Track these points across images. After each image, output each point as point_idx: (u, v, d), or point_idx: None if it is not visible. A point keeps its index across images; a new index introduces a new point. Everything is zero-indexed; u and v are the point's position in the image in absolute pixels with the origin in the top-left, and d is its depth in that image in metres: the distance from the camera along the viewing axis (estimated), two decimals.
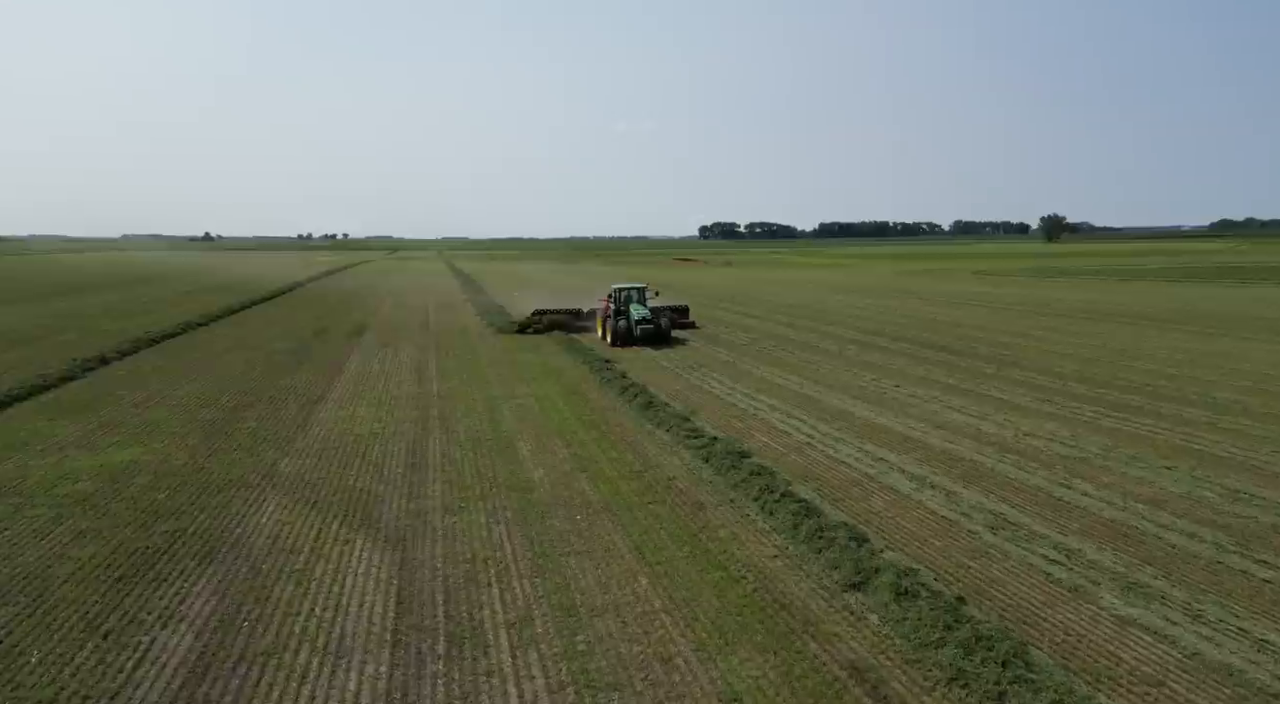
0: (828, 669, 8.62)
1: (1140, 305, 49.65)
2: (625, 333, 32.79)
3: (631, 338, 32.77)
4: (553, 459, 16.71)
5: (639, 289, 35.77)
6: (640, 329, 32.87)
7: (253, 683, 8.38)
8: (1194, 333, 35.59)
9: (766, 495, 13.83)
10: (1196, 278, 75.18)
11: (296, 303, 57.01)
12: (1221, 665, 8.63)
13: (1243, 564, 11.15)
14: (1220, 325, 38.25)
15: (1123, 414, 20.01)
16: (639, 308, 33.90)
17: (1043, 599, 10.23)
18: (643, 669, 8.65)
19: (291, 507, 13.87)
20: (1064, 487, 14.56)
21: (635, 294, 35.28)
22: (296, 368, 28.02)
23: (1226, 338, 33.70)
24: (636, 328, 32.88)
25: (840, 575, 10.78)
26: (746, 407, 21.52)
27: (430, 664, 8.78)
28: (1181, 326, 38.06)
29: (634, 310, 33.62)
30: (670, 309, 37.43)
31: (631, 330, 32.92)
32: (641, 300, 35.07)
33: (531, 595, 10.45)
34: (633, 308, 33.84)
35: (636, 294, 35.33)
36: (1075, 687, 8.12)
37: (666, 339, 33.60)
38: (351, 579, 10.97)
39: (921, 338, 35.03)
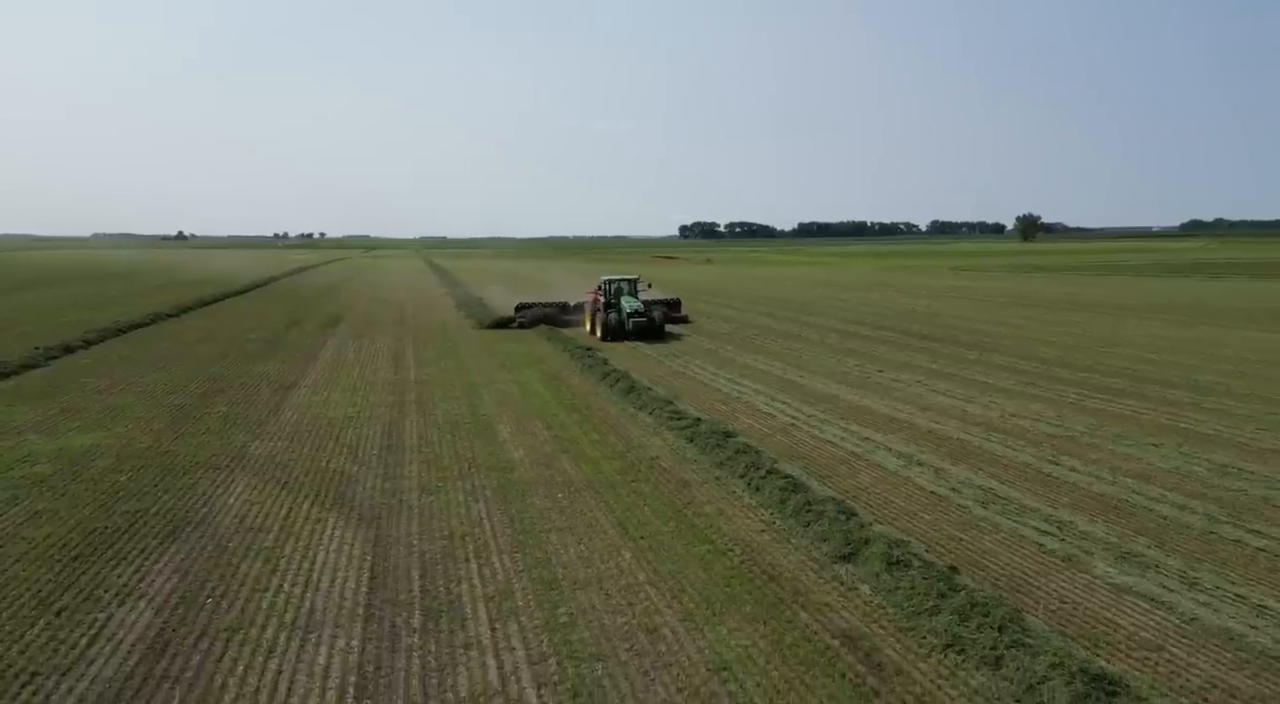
0: (819, 638, 8.30)
1: (1118, 297, 50.08)
2: (616, 327, 31.21)
3: (623, 332, 31.18)
4: (533, 441, 16.29)
5: (630, 281, 34.06)
6: (632, 323, 31.18)
7: (215, 658, 7.91)
8: (1171, 322, 35.87)
9: (752, 473, 13.51)
10: (1170, 273, 76.16)
11: (270, 297, 55.98)
12: (1221, 630, 8.43)
13: (1235, 534, 11.01)
14: (1196, 315, 38.61)
15: (1107, 396, 19.96)
16: (630, 300, 32.25)
17: (1036, 569, 10.00)
18: (627, 640, 8.29)
19: (261, 487, 13.35)
20: (1052, 463, 14.39)
21: (626, 286, 33.52)
22: (269, 356, 27.33)
23: (1203, 326, 33.98)
24: (628, 321, 31.24)
25: (829, 547, 10.48)
26: (730, 391, 21.22)
27: (405, 637, 8.36)
28: (1159, 316, 38.37)
29: (625, 303, 32.00)
30: (662, 303, 35.84)
31: (623, 324, 31.27)
32: (633, 292, 33.32)
33: (511, 570, 10.05)
34: (624, 300, 32.19)
35: (628, 286, 33.57)
36: (1073, 651, 7.86)
37: (660, 334, 31.83)
38: (323, 556, 10.50)
39: (903, 327, 34.99)
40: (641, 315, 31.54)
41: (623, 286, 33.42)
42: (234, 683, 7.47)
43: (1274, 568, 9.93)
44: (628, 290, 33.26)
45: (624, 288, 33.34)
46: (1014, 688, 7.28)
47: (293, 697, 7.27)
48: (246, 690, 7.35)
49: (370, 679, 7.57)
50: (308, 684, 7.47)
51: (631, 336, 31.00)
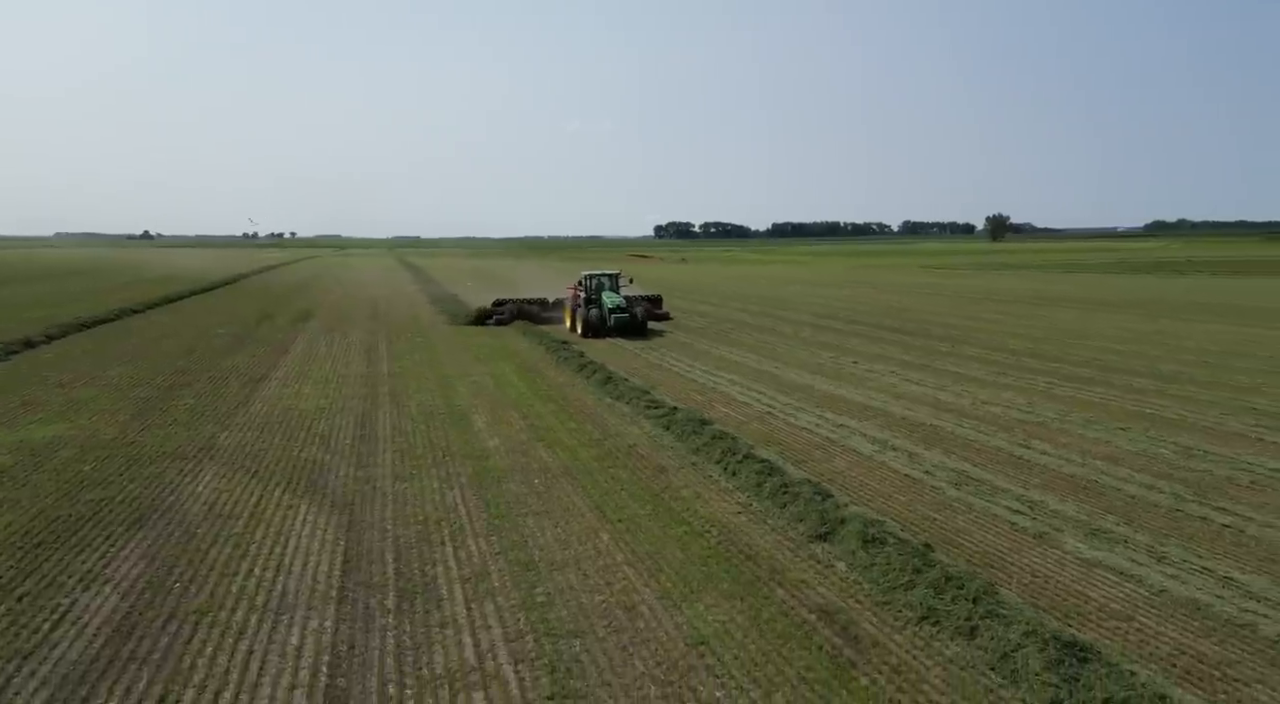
0: (796, 613, 8.33)
1: (1084, 293, 50.99)
2: (597, 323, 30.21)
3: (604, 328, 30.19)
4: (509, 430, 16.18)
5: (612, 276, 32.88)
6: (614, 318, 30.13)
7: (184, 640, 7.73)
8: (1136, 315, 36.59)
9: (729, 458, 13.54)
10: (1134, 271, 77.72)
11: (239, 293, 55.10)
12: (1188, 600, 8.59)
13: (1201, 511, 11.22)
14: (1160, 309, 39.43)
15: (1075, 384, 20.29)
16: (612, 296, 31.13)
17: (1009, 546, 10.13)
18: (605, 617, 8.25)
19: (230, 475, 13.11)
20: (1023, 447, 14.59)
21: (608, 281, 32.44)
22: (237, 351, 26.87)
23: (1166, 320, 34.70)
24: (610, 317, 30.15)
25: (806, 527, 10.53)
26: (706, 381, 21.25)
27: (379, 618, 8.24)
28: (1124, 310, 39.13)
29: (606, 298, 30.89)
30: (644, 299, 34.87)
31: (604, 320, 30.21)
32: (615, 288, 32.23)
33: (488, 552, 9.96)
34: (605, 296, 31.08)
35: (609, 281, 32.48)
36: (1046, 622, 7.95)
37: (642, 331, 30.77)
38: (295, 541, 10.33)
39: (876, 321, 35.31)
40: (624, 311, 30.56)
41: (604, 281, 32.43)
42: (203, 664, 7.31)
43: (1239, 543, 10.14)
44: (609, 285, 32.29)
45: (605, 283, 32.38)
46: (989, 656, 7.35)
47: (264, 676, 7.13)
48: (216, 671, 7.20)
49: (344, 658, 7.45)
50: (279, 664, 7.33)
51: (613, 333, 30.16)
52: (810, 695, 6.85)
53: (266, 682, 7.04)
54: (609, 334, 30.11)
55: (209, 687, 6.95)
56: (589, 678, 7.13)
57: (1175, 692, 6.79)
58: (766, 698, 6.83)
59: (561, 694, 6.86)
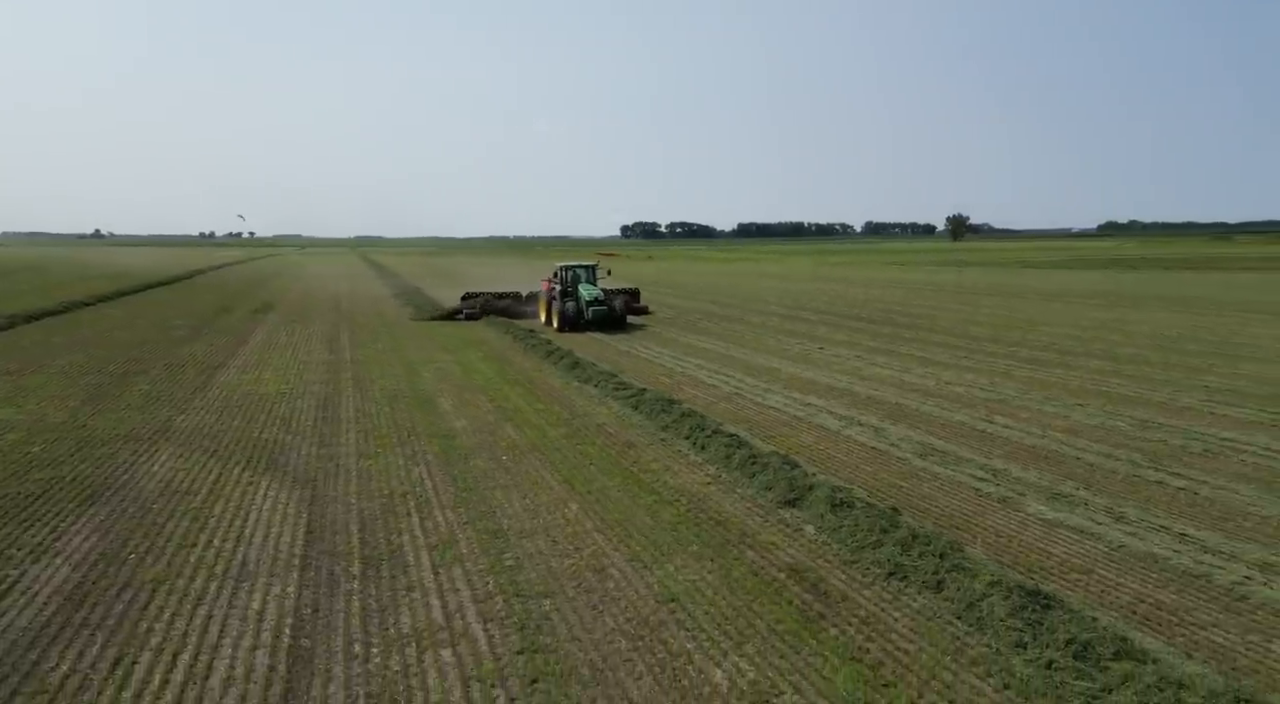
0: (766, 572, 8.34)
1: (1042, 286, 52.09)
2: (574, 316, 28.77)
3: (581, 322, 28.82)
4: (476, 411, 16.00)
5: (589, 267, 31.51)
6: (592, 311, 28.72)
7: (140, 606, 7.49)
8: (1093, 305, 37.48)
9: (697, 433, 13.54)
10: (1090, 267, 79.62)
11: (196, 287, 53.87)
12: (1146, 554, 8.78)
13: (1158, 477, 11.50)
14: (1115, 299, 40.45)
15: (1035, 366, 20.70)
16: (589, 288, 29.73)
17: (973, 509, 10.27)
18: (575, 579, 8.18)
19: (187, 455, 12.77)
20: (986, 421, 14.83)
21: (585, 273, 30.95)
22: (194, 340, 26.25)
23: (1121, 309, 35.60)
24: (587, 310, 28.76)
25: (774, 495, 10.57)
26: (674, 366, 21.26)
27: (344, 583, 8.07)
28: (1081, 300, 40.06)
29: (584, 291, 29.44)
30: (621, 293, 33.31)
31: (582, 313, 28.82)
32: (591, 279, 30.90)
33: (455, 522, 9.82)
34: (582, 288, 29.63)
35: (586, 273, 30.99)
36: (1009, 576, 8.07)
37: (621, 324, 29.48)
38: (255, 515, 10.08)
39: (842, 311, 35.69)
40: (601, 303, 29.18)
41: (580, 273, 30.90)
42: (160, 628, 7.09)
43: (1194, 504, 10.41)
44: (585, 277, 30.83)
45: (581, 274, 30.87)
46: (955, 606, 7.44)
47: (224, 639, 6.93)
48: (174, 635, 6.99)
49: (307, 621, 7.28)
50: (240, 627, 7.14)
51: (591, 327, 28.78)
52: (781, 645, 6.86)
53: (227, 643, 6.85)
54: (587, 328, 28.77)
55: (166, 649, 6.74)
56: (559, 634, 7.06)
57: (1136, 634, 6.93)
58: (737, 648, 6.82)
59: (531, 649, 6.78)
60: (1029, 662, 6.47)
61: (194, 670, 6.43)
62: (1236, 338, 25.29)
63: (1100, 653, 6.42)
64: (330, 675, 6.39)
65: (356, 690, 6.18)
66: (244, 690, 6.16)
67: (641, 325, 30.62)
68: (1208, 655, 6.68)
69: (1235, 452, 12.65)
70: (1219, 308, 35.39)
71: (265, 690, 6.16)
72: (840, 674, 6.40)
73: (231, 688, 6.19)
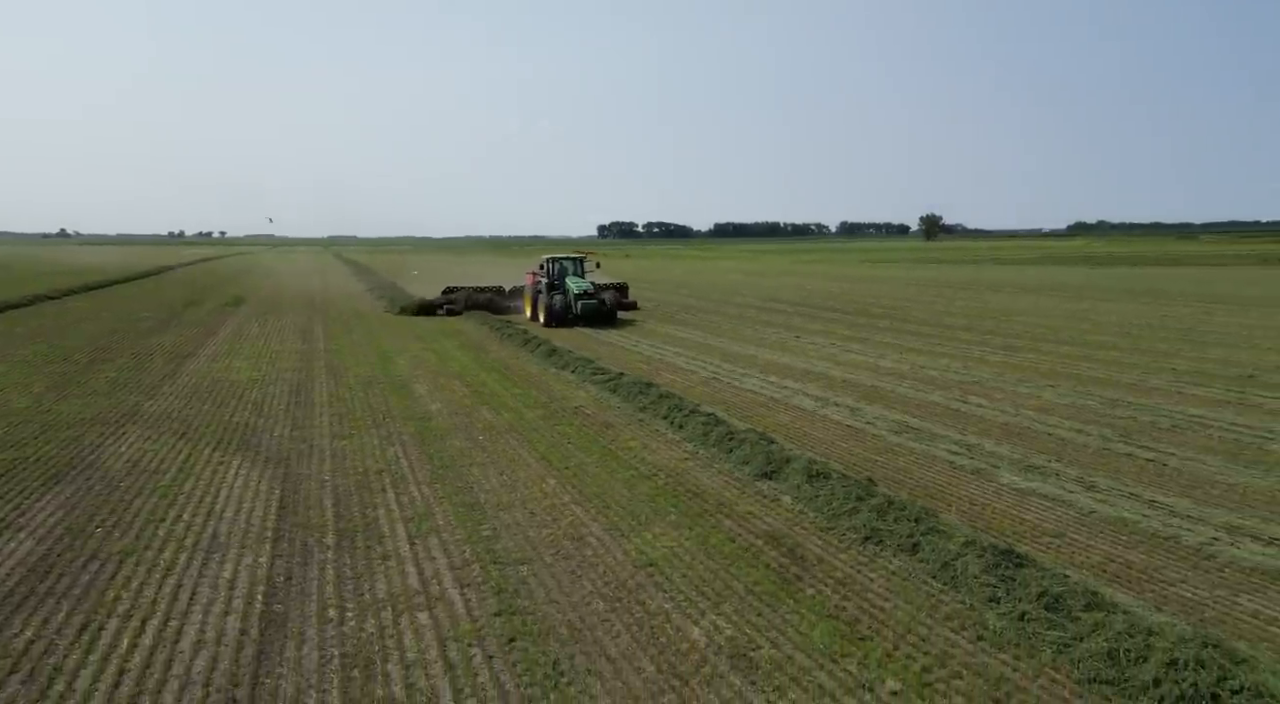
0: (744, 538, 8.36)
1: (1014, 280, 52.84)
2: (561, 311, 27.20)
3: (569, 316, 27.28)
4: (451, 396, 15.88)
5: (576, 259, 29.91)
6: (581, 305, 27.13)
7: (107, 576, 7.33)
8: (1063, 297, 38.07)
9: (675, 413, 13.54)
10: (1060, 264, 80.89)
11: (165, 282, 52.95)
12: (1115, 519, 8.92)
13: (1127, 449, 11.69)
14: (1085, 292, 41.13)
15: (1008, 352, 20.97)
16: (577, 281, 28.19)
17: (947, 481, 10.37)
18: (553, 547, 8.14)
19: (156, 437, 12.53)
20: (960, 402, 14.99)
21: (572, 265, 29.48)
22: (163, 331, 25.81)
23: (1091, 300, 36.20)
24: (576, 304, 27.20)
25: (751, 468, 10.60)
26: (652, 354, 21.27)
27: (318, 554, 7.96)
28: (1053, 293, 40.68)
29: (572, 284, 27.87)
30: (610, 287, 31.63)
31: (570, 307, 27.29)
32: (579, 272, 29.33)
33: (431, 497, 9.73)
34: (569, 281, 28.13)
35: (573, 265, 29.50)
36: (983, 538, 8.15)
37: (611, 319, 27.91)
38: (226, 491, 9.91)
39: (818, 303, 35.94)
40: (591, 297, 27.59)
41: (567, 265, 29.46)
42: (128, 596, 6.95)
43: (1162, 474, 10.59)
44: (573, 270, 29.34)
45: (569, 267, 29.44)
46: (930, 567, 7.50)
47: (194, 606, 6.81)
48: (142, 602, 6.85)
49: (280, 588, 7.17)
50: (211, 595, 7.01)
51: (580, 322, 27.25)
52: (758, 605, 6.87)
53: (197, 610, 6.72)
54: (575, 323, 27.26)
55: (135, 615, 6.60)
56: (537, 597, 7.02)
57: (1106, 590, 7.03)
58: (715, 608, 6.82)
59: (509, 611, 6.73)
60: (1002, 615, 6.54)
61: (163, 635, 6.30)
62: (1202, 326, 25.80)
63: (1071, 605, 6.50)
64: (304, 638, 6.29)
65: (331, 651, 6.09)
66: (215, 653, 6.05)
67: (629, 320, 30.30)
68: (1177, 609, 6.80)
69: (1202, 427, 12.90)
70: (1185, 300, 36.10)
71: (237, 653, 6.05)
72: (817, 630, 6.43)
73: (202, 650, 6.07)
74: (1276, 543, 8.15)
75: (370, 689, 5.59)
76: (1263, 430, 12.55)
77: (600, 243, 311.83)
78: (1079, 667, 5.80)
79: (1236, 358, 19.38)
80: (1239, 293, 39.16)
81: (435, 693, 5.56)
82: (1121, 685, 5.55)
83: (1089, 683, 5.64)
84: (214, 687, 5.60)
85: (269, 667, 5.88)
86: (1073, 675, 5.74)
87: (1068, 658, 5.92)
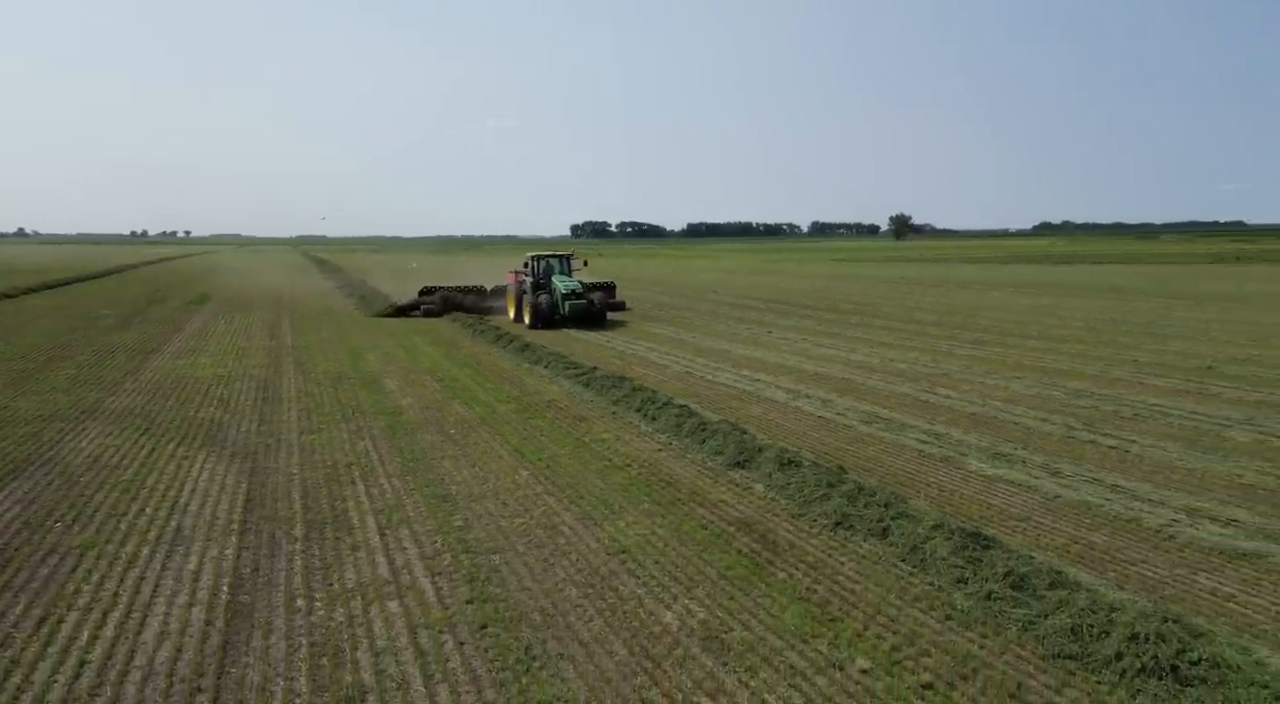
0: (716, 525, 8.39)
1: (982, 278, 53.62)
2: (548, 311, 25.60)
3: (557, 317, 25.75)
4: (422, 391, 15.75)
5: (563, 257, 28.23)
6: (569, 306, 25.58)
7: (67, 570, 7.16)
8: (1030, 293, 38.74)
9: (649, 406, 13.56)
10: (1025, 262, 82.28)
11: (127, 281, 51.85)
12: (1079, 503, 9.09)
13: (1091, 437, 11.93)
14: (1051, 288, 41.87)
15: (976, 345, 21.29)
16: (565, 280, 26.65)
17: (916, 468, 10.49)
18: (525, 536, 8.10)
19: (118, 433, 12.26)
20: (929, 393, 15.18)
21: (559, 263, 27.89)
22: (125, 329, 25.30)
23: (1055, 297, 36.85)
24: (564, 304, 25.66)
25: (724, 458, 10.64)
26: (625, 349, 21.26)
27: (286, 545, 7.85)
28: (1020, 290, 41.37)
29: (559, 283, 26.33)
30: (597, 287, 30.12)
31: (558, 307, 25.74)
32: (566, 270, 27.84)
33: (402, 489, 9.64)
34: (556, 280, 26.55)
35: (560, 263, 27.93)
36: (951, 523, 8.26)
37: (601, 321, 26.43)
38: (190, 486, 9.73)
39: (790, 299, 36.19)
40: (580, 297, 26.02)
41: (553, 263, 27.87)
42: (89, 589, 6.79)
43: (1124, 460, 10.82)
44: (560, 268, 27.80)
45: (555, 265, 27.84)
46: (899, 550, 7.59)
47: (158, 598, 6.67)
48: (104, 595, 6.69)
49: (247, 579, 7.06)
50: (175, 586, 6.88)
51: (568, 323, 25.79)
52: (730, 589, 6.90)
53: (161, 601, 6.59)
54: (563, 324, 25.71)
55: (96, 608, 6.45)
56: (509, 585, 6.98)
57: (1070, 570, 7.17)
58: (688, 592, 6.84)
59: (481, 599, 6.69)
60: (969, 595, 6.64)
61: (125, 627, 6.16)
62: (1163, 321, 26.40)
63: (1036, 584, 6.62)
64: (271, 628, 6.19)
65: (299, 640, 6.01)
66: (179, 643, 5.93)
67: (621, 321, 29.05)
68: (1138, 587, 6.94)
69: (1163, 415, 13.20)
70: (1146, 296, 36.91)
71: (202, 643, 5.94)
72: (788, 612, 6.47)
73: (166, 641, 5.95)
74: (1234, 524, 8.37)
75: (339, 676, 5.52)
76: (1220, 419, 12.87)
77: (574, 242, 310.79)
78: (1043, 642, 5.90)
79: (1195, 350, 19.85)
80: (1197, 289, 40.13)
81: (406, 679, 5.50)
82: (1085, 660, 5.66)
83: (1053, 658, 5.74)
84: (178, 677, 5.49)
85: (235, 656, 5.78)
86: (1037, 651, 5.84)
87: (1033, 634, 6.02)
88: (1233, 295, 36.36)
